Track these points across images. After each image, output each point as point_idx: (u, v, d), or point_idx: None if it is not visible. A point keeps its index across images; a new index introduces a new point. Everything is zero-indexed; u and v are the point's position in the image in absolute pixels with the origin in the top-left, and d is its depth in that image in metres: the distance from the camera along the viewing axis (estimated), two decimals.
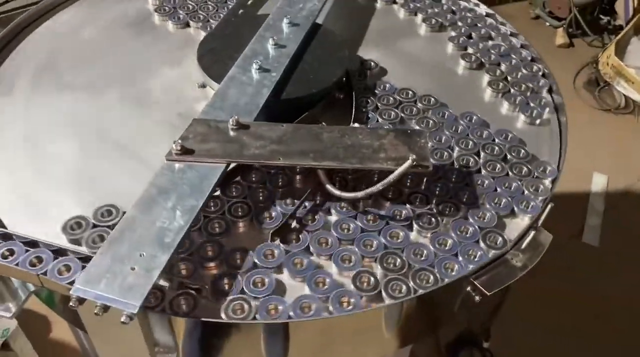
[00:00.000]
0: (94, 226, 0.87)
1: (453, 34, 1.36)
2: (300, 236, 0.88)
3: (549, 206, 0.91)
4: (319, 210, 0.92)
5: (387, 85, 1.16)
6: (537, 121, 1.14)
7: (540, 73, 1.26)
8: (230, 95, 1.02)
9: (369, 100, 1.13)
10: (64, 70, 1.19)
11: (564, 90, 1.21)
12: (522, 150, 1.05)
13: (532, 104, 1.17)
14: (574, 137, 1.12)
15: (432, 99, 1.15)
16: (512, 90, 1.20)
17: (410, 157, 0.87)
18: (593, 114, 3.04)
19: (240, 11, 1.28)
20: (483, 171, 1.01)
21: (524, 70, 1.26)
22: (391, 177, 0.87)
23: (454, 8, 1.44)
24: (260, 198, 0.93)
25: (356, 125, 1.07)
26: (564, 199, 0.96)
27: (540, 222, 0.92)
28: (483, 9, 1.46)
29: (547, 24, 3.61)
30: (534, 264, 0.88)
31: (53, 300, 0.92)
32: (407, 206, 0.93)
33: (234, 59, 1.10)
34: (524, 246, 0.90)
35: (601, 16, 3.58)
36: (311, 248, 0.86)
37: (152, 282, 0.73)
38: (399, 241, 0.89)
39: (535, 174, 1.01)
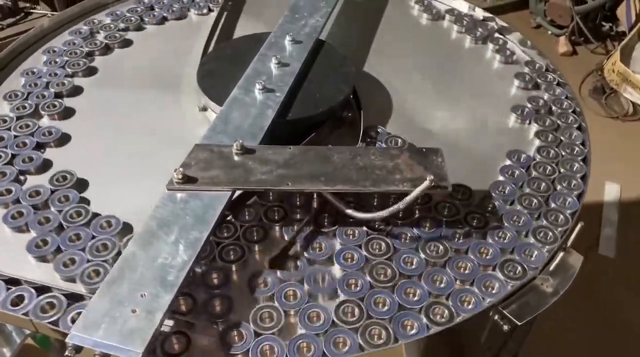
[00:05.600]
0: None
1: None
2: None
3: (579, 225, 0.85)
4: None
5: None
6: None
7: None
8: (233, 118, 0.97)
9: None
10: None
11: None
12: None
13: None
14: None
15: None
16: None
17: (428, 178, 0.82)
18: (601, 122, 2.98)
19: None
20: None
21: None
22: (409, 198, 0.82)
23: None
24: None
25: (364, 144, 1.01)
26: None
27: (569, 242, 0.85)
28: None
29: (549, 32, 3.57)
30: (566, 289, 0.82)
31: (49, 344, 0.85)
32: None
33: (235, 79, 1.05)
34: (552, 268, 0.84)
35: (603, 23, 3.53)
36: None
37: (155, 325, 0.67)
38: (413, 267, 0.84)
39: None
